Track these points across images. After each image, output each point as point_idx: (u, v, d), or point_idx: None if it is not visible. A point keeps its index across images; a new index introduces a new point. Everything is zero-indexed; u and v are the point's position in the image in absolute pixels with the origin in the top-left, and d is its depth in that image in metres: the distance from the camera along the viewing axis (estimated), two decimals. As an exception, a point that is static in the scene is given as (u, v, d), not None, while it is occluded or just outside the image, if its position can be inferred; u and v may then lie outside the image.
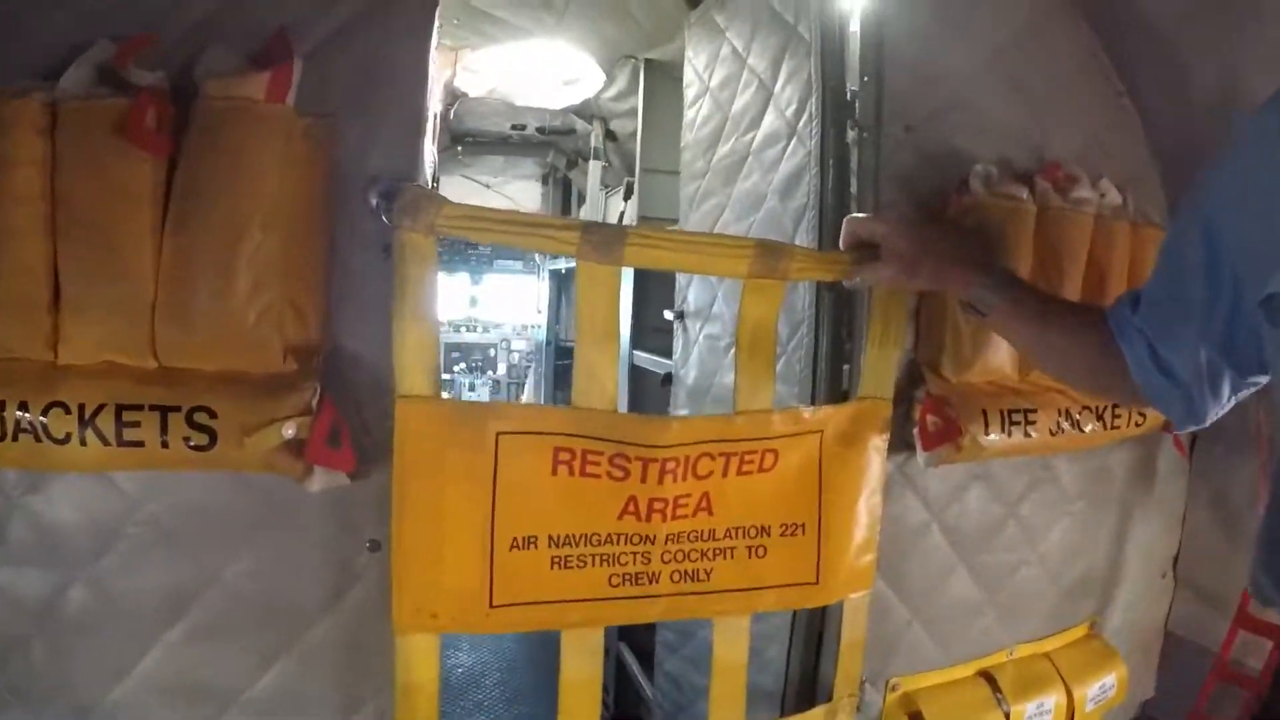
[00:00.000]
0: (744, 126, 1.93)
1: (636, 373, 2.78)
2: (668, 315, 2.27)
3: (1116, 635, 1.84)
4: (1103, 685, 1.74)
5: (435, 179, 3.39)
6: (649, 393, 2.71)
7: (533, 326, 5.78)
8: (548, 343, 4.85)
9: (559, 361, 4.71)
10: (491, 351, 6.08)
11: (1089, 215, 1.56)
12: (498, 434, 1.18)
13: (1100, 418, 1.62)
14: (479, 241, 1.20)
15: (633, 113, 3.20)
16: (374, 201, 1.11)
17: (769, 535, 1.32)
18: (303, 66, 1.12)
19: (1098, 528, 1.80)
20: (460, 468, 1.17)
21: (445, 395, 1.16)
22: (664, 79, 2.95)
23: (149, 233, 1.05)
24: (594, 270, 1.17)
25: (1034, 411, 1.53)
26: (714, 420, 1.30)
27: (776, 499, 1.33)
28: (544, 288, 5.14)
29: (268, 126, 1.08)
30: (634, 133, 3.20)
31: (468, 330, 6.08)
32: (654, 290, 2.83)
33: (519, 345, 6.08)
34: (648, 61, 3.02)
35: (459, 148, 4.01)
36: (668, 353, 2.37)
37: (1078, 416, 1.58)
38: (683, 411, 2.19)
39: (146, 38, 1.10)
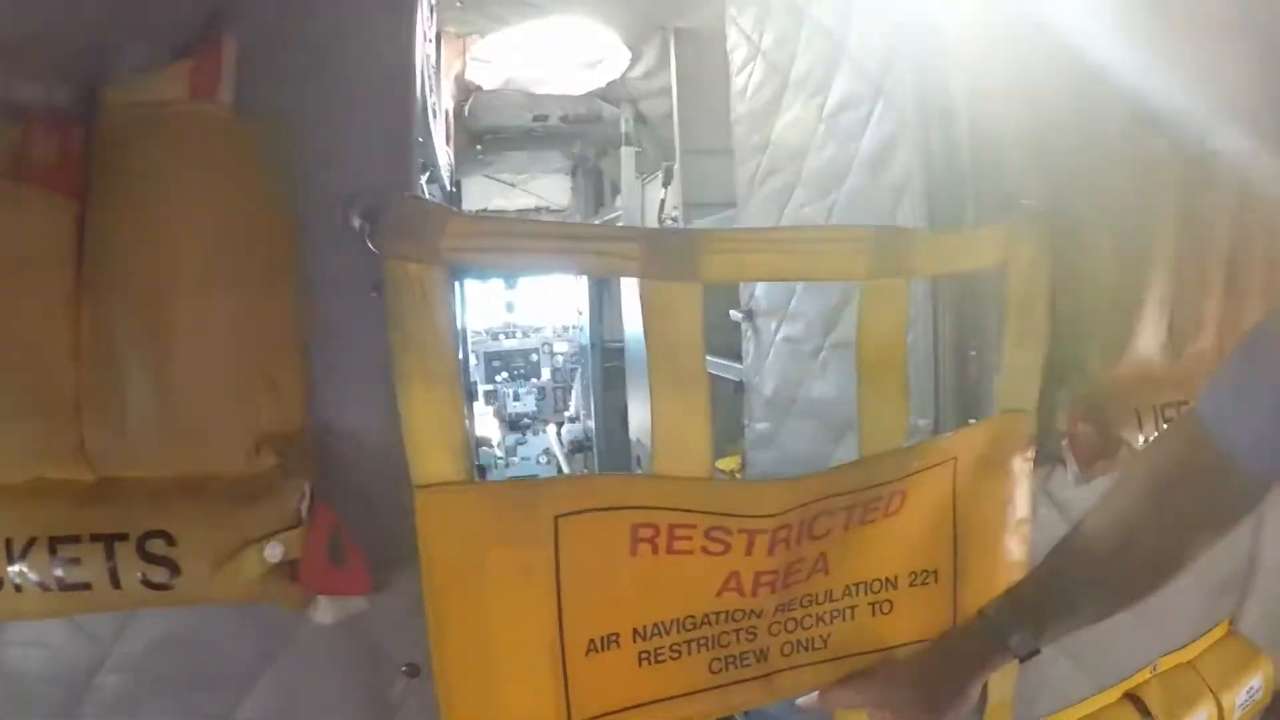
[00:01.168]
0: (810, 89, 1.67)
1: (701, 379, 2.50)
2: (734, 315, 2.00)
3: (1255, 628, 1.68)
4: (1249, 689, 1.62)
5: (455, 183, 3.20)
6: (719, 403, 2.43)
7: (574, 328, 5.62)
8: (591, 345, 4.70)
9: (605, 364, 4.54)
10: (534, 357, 5.92)
11: None
12: (556, 518, 0.92)
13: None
14: (505, 267, 0.92)
15: (664, 92, 3.06)
16: (355, 224, 0.83)
17: (895, 588, 1.14)
18: (243, 52, 0.84)
19: (1240, 519, 1.58)
20: (510, 566, 0.93)
21: (484, 477, 0.88)
22: (700, 48, 2.78)
23: (62, 304, 0.79)
24: (665, 292, 0.89)
25: (1185, 403, 1.29)
26: (838, 473, 1.08)
27: (904, 545, 1.14)
28: (582, 286, 4.96)
29: (195, 135, 0.81)
30: (668, 114, 3.07)
31: (506, 337, 5.93)
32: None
33: (561, 348, 5.92)
34: (678, 31, 2.85)
35: (478, 146, 3.86)
36: (736, 353, 2.12)
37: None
38: (760, 426, 1.95)
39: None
